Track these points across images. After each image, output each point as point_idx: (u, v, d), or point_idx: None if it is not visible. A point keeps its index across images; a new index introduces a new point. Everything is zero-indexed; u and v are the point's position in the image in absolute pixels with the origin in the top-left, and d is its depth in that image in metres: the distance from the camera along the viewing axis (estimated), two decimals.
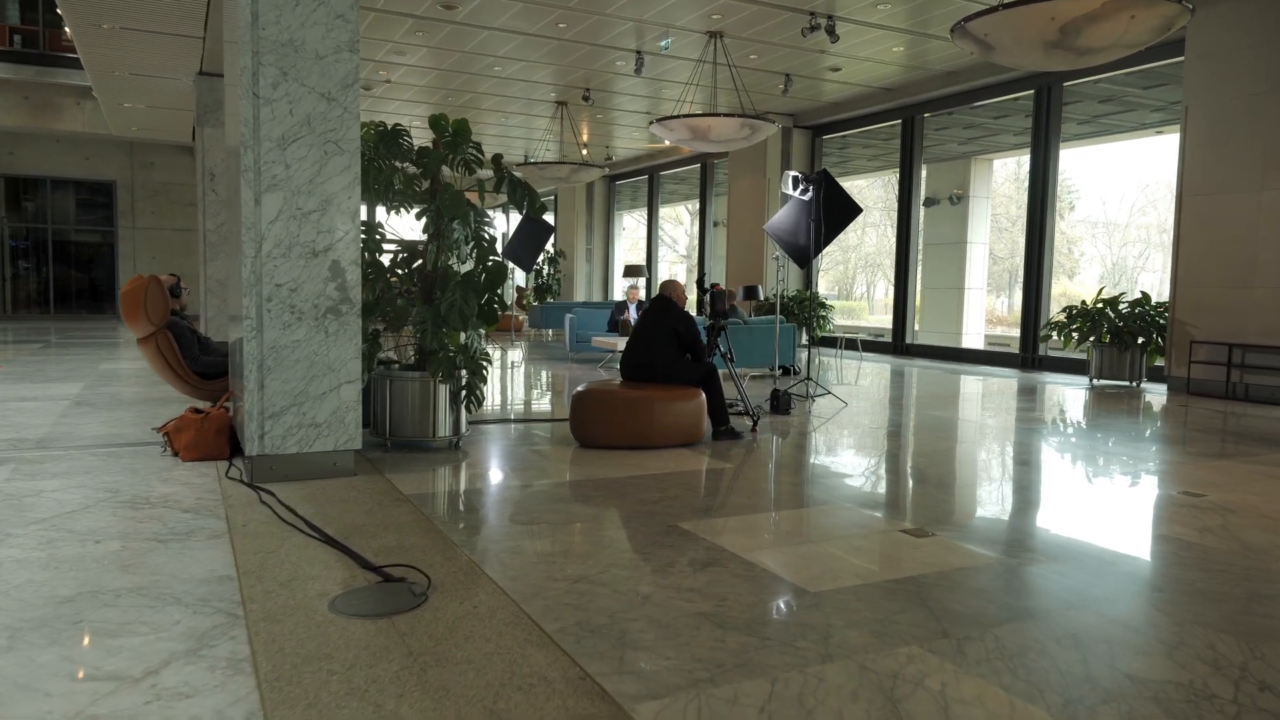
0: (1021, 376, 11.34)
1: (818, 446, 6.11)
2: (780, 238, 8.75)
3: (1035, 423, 7.44)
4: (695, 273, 22.08)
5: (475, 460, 5.35)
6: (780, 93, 13.98)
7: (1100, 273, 33.78)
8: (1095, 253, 34.46)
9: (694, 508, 4.22)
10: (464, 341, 5.57)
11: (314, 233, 4.57)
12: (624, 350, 6.26)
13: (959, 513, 4.30)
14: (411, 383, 5.47)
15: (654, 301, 6.31)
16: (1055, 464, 5.67)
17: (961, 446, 6.28)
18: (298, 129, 4.51)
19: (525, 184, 5.87)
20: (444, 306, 5.36)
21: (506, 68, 13.47)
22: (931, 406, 8.30)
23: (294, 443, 4.60)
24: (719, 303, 6.51)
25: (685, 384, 6.08)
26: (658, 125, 11.22)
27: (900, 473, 5.26)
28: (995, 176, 19.15)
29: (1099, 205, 34.30)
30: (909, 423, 7.30)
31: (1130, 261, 34.77)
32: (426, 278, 5.69)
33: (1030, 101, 13.44)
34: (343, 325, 4.66)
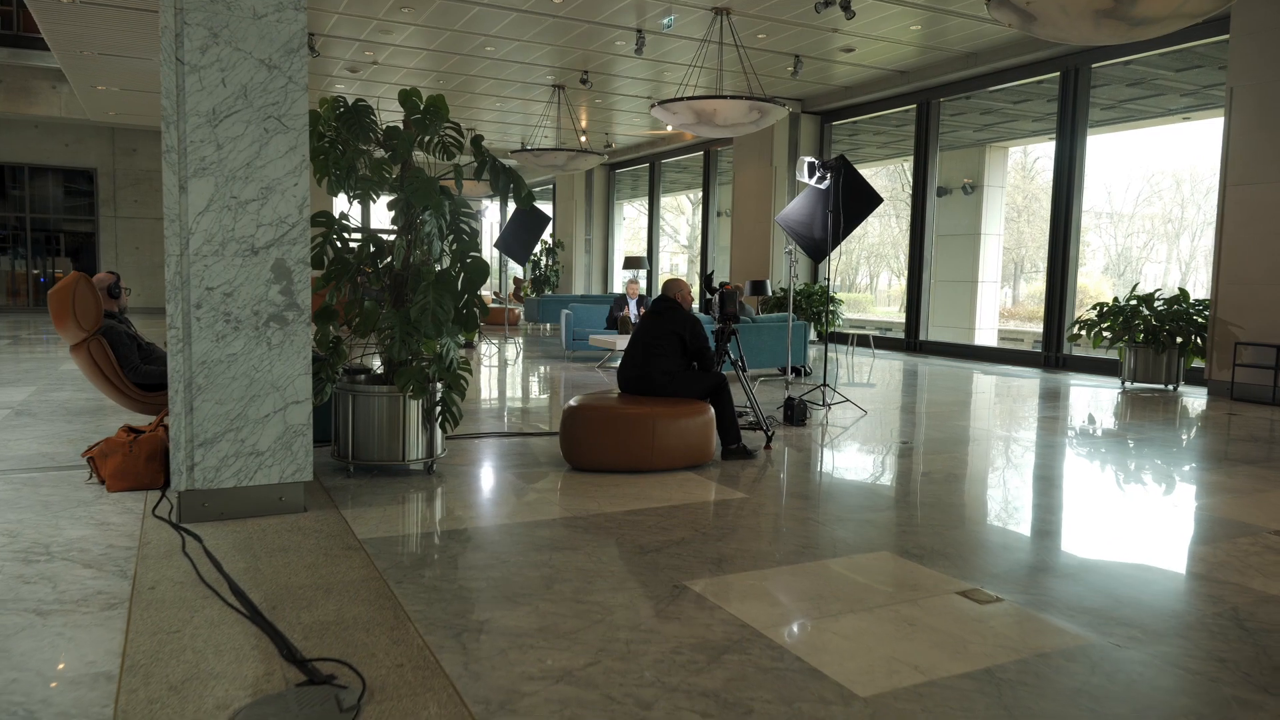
0: (1046, 378, 10.62)
1: (841, 469, 5.40)
2: (794, 230, 8.02)
3: (1082, 437, 6.72)
4: (702, 268, 21.34)
5: (449, 489, 4.64)
6: (790, 75, 13.22)
7: (1105, 263, 33.57)
8: (1100, 243, 34.40)
9: (704, 557, 3.51)
10: (439, 350, 4.85)
11: (253, 226, 3.84)
12: (621, 359, 5.54)
13: (1022, 563, 3.59)
14: (378, 398, 4.76)
15: (656, 303, 5.59)
16: (1122, 493, 4.96)
17: (1007, 470, 5.57)
18: (232, 102, 3.78)
19: (510, 170, 5.14)
20: (414, 310, 4.64)
21: (500, 47, 12.71)
22: (960, 416, 7.59)
23: (230, 475, 3.89)
24: (729, 304, 5.78)
25: (691, 397, 5.37)
26: (660, 109, 10.47)
27: (942, 506, 4.55)
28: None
29: (1104, 195, 34.16)
30: (940, 436, 6.58)
31: (1135, 252, 34.62)
32: (396, 277, 4.98)
33: (1055, 85, 12.68)
34: (289, 336, 3.94)
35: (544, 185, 26.65)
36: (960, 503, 4.57)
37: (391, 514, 4.08)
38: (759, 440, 5.87)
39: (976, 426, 7.04)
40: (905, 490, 4.81)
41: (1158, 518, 4.35)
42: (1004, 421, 7.35)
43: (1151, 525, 4.21)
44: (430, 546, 3.62)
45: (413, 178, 4.70)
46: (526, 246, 13.11)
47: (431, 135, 4.97)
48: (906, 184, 32.38)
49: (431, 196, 4.65)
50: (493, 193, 5.19)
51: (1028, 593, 3.19)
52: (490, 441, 5.94)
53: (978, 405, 8.43)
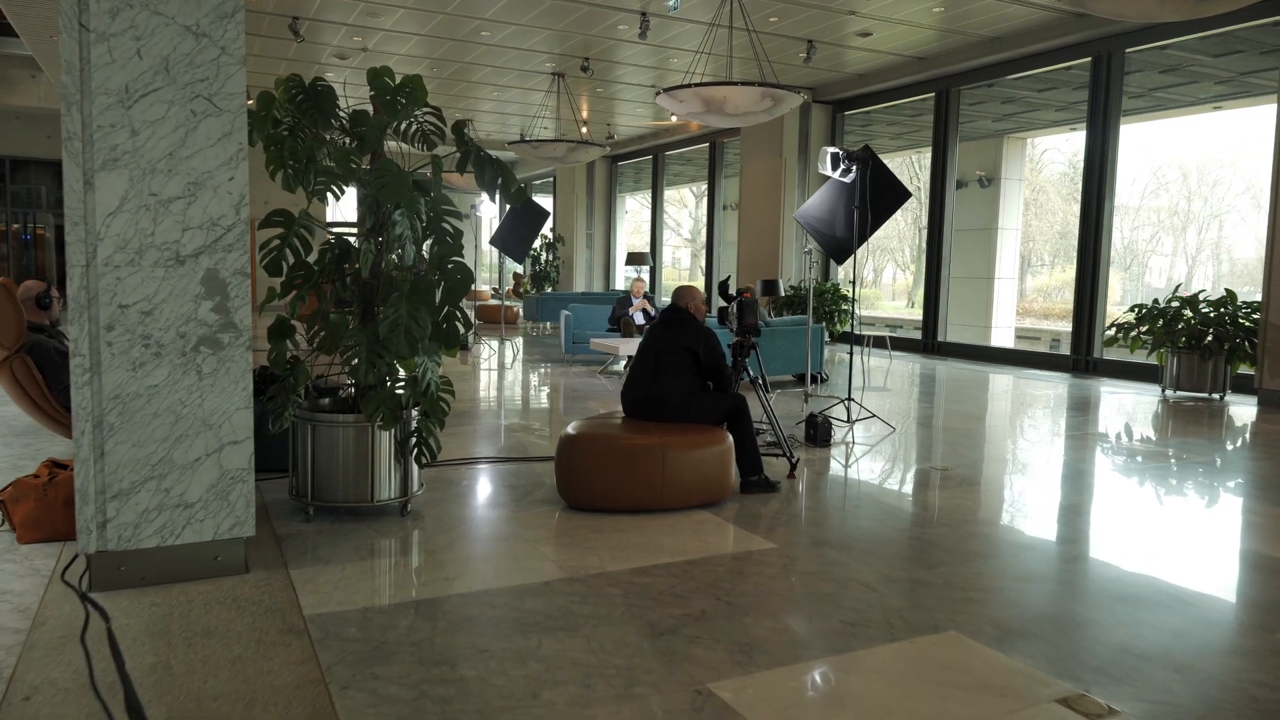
0: (1078, 384, 9.91)
1: (876, 505, 4.71)
2: (813, 227, 7.32)
3: (1152, 461, 6.03)
4: (708, 264, 20.65)
5: (425, 538, 3.95)
6: (802, 61, 12.50)
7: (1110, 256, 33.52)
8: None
9: (730, 640, 2.83)
10: (415, 371, 4.16)
11: (177, 230, 3.15)
12: (626, 378, 4.85)
13: (1127, 648, 2.90)
14: (342, 429, 4.07)
15: (665, 315, 4.89)
16: (1237, 540, 4.27)
17: (1073, 508, 4.88)
18: (150, 78, 3.09)
19: (498, 162, 4.44)
20: (384, 326, 3.95)
21: (496, 32, 11.99)
22: (999, 433, 6.90)
23: (152, 533, 3.20)
24: (749, 314, 5.08)
25: (706, 422, 4.68)
26: (665, 97, 9.75)
27: (1004, 558, 3.87)
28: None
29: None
30: (981, 461, 5.89)
31: (1141, 245, 34.49)
32: (364, 287, 4.28)
33: (1084, 72, 11.95)
34: (224, 362, 3.25)
35: (544, 178, 25.93)
36: (1026, 555, 3.88)
37: (351, 575, 3.39)
38: (781, 468, 5.18)
39: (1021, 447, 6.35)
40: (957, 537, 4.12)
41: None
42: (1051, 440, 6.65)
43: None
44: (392, 627, 2.93)
45: (380, 170, 4.00)
46: (524, 243, 12.40)
47: (405, 121, 4.27)
48: (916, 176, 31.70)
49: (403, 192, 3.95)
50: (479, 186, 4.50)
51: (1147, 698, 2.51)
52: (477, 471, 5.25)
53: (1014, 419, 7.74)
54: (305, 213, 4.22)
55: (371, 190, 3.98)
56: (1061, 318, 23.70)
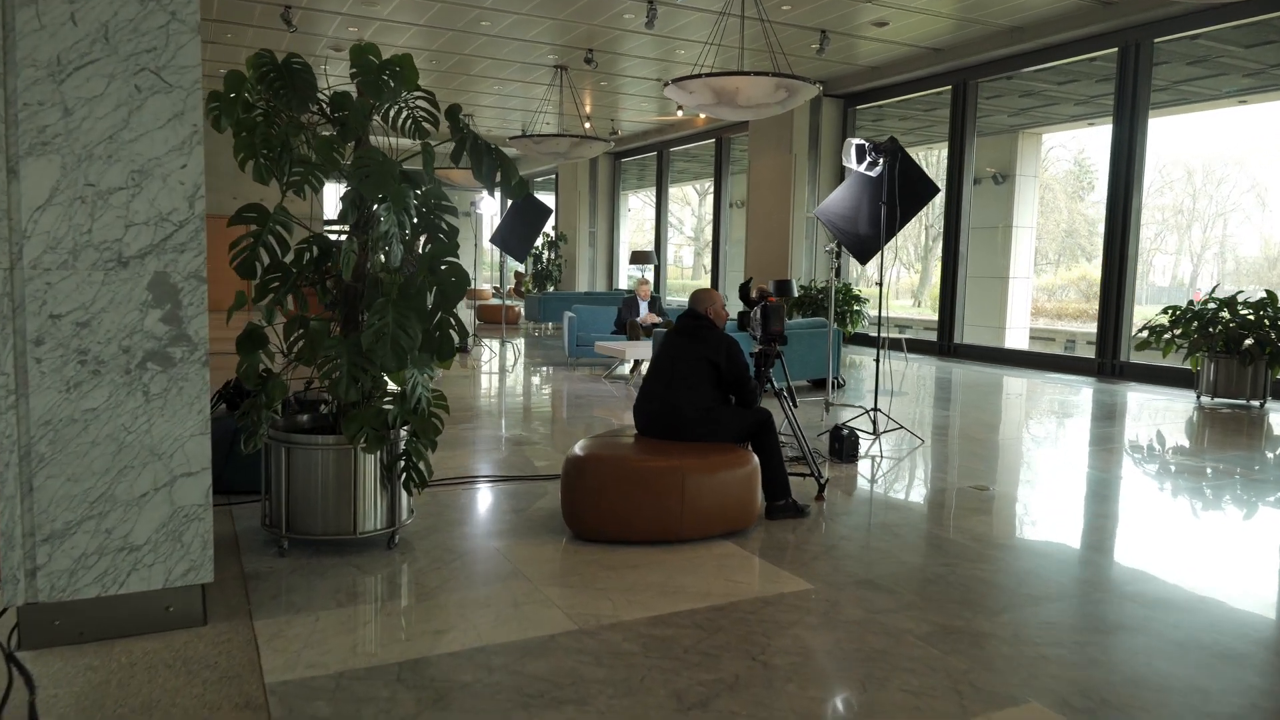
0: (1107, 389, 9.44)
1: (917, 533, 4.23)
2: (835, 225, 6.85)
3: (1207, 474, 5.56)
4: (719, 267, 20.20)
5: (413, 578, 3.48)
6: (815, 52, 12.03)
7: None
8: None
9: (775, 718, 2.36)
10: (404, 386, 3.70)
11: (120, 226, 2.69)
12: (640, 391, 4.38)
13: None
14: (321, 451, 3.61)
15: (682, 321, 4.42)
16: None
17: (1135, 531, 4.41)
18: (87, 47, 2.62)
19: (497, 151, 3.98)
20: (367, 336, 3.48)
21: (497, 22, 11.53)
22: (1036, 443, 6.43)
23: (91, 581, 2.74)
24: (774, 321, 4.60)
25: (728, 440, 4.22)
26: (674, 88, 9.27)
27: (1071, 600, 3.40)
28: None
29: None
30: (1023, 477, 5.43)
31: (1146, 243, 34.46)
32: (347, 292, 3.82)
33: (1108, 63, 11.48)
34: (176, 381, 2.79)
35: (546, 175, 25.49)
36: (1099, 598, 3.41)
37: (326, 628, 2.93)
38: (808, 489, 4.71)
39: (1063, 462, 5.88)
40: (1015, 574, 3.65)
41: None
42: (1093, 453, 6.18)
43: None
44: (370, 700, 2.47)
45: (362, 159, 3.53)
46: (526, 241, 11.93)
47: (393, 105, 3.80)
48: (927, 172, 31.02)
49: (388, 184, 3.48)
50: (476, 180, 4.04)
51: None
52: (475, 491, 4.79)
53: (1049, 429, 7.26)
54: (282, 208, 3.76)
55: (353, 182, 3.51)
56: (1075, 317, 23.22)
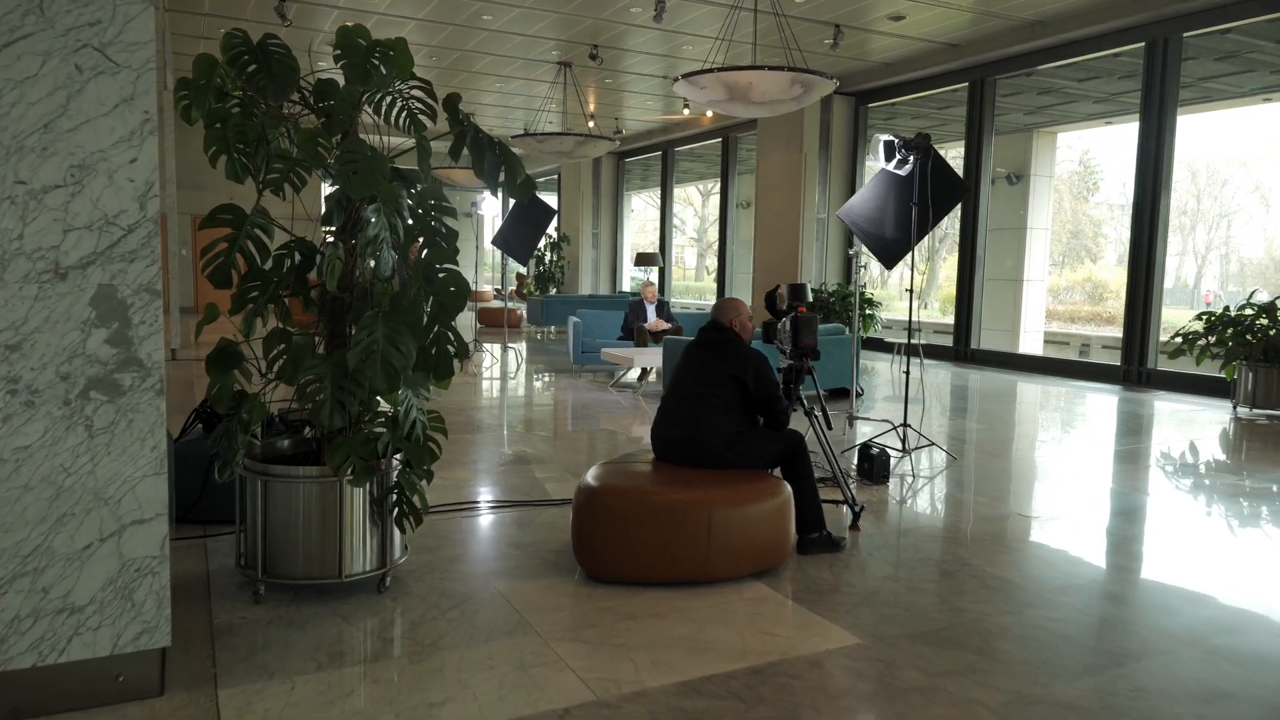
0: (1135, 399, 9.01)
1: (969, 569, 3.82)
2: (860, 227, 6.44)
3: (1267, 495, 5.15)
4: (726, 268, 19.78)
5: (405, 631, 3.07)
6: (828, 48, 11.61)
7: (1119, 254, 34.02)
8: (1114, 234, 34.68)
9: None
10: (396, 408, 3.28)
11: (56, 232, 2.27)
12: (658, 412, 3.96)
13: None
14: (303, 485, 3.19)
15: (705, 334, 4.00)
16: None
17: (1212, 569, 3.99)
18: (19, 20, 2.21)
19: (500, 146, 3.57)
20: (354, 354, 3.07)
21: (499, 16, 11.12)
22: (1080, 462, 6.01)
23: (26, 648, 2.33)
24: (806, 334, 4.18)
25: (757, 466, 3.81)
26: (685, 83, 8.86)
27: (1177, 665, 2.98)
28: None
29: (1119, 187, 34.39)
30: (1072, 498, 5.01)
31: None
32: (332, 304, 3.41)
33: (1133, 59, 11.07)
34: (125, 412, 2.38)
35: (548, 175, 25.08)
36: (1189, 655, 2.99)
37: (302, 698, 2.51)
38: (841, 517, 4.30)
39: (1110, 482, 5.46)
40: (1087, 625, 3.24)
41: None
42: (1141, 471, 5.76)
43: None
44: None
45: (348, 153, 3.11)
46: (529, 243, 11.51)
47: (385, 94, 3.39)
48: None
49: (377, 182, 3.07)
50: (478, 179, 3.63)
51: None
52: (475, 520, 4.37)
53: (1086, 441, 6.84)
54: (262, 208, 3.35)
55: (338, 180, 3.09)
56: (1088, 320, 22.80)
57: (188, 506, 4.08)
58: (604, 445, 6.31)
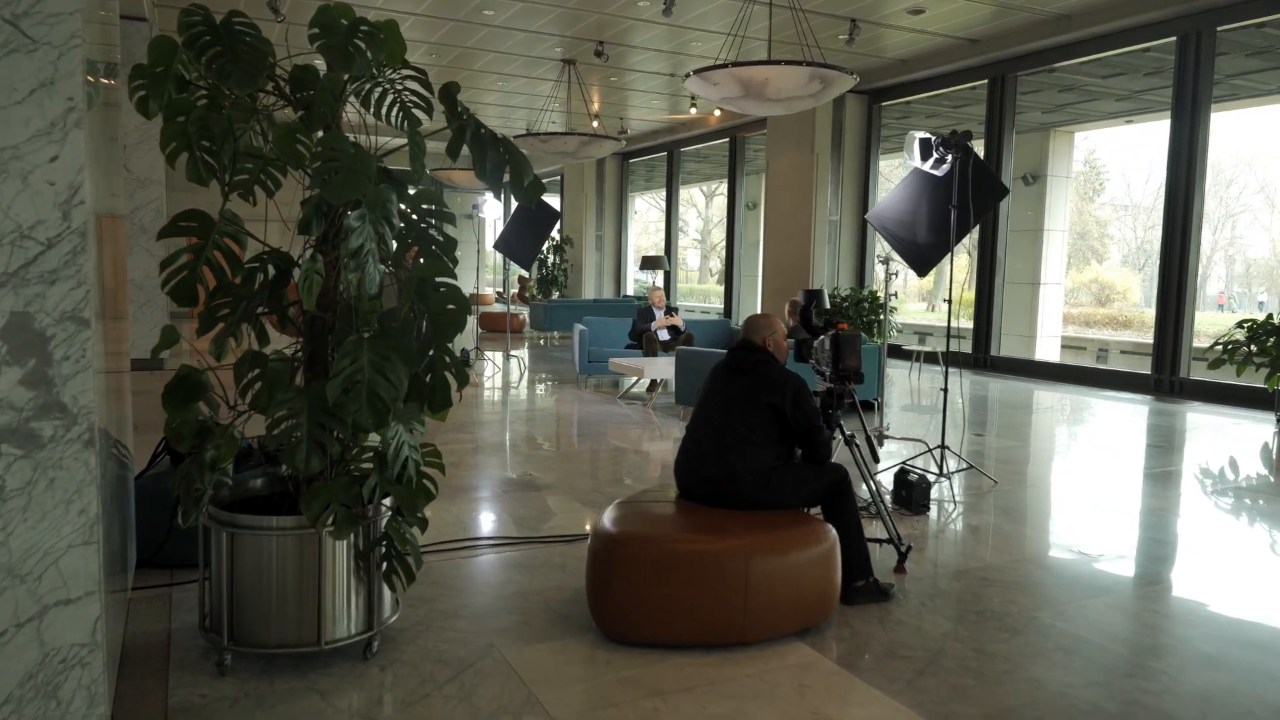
0: (1171, 409, 8.55)
1: (1035, 623, 3.36)
2: (890, 231, 5.99)
3: None
4: (734, 272, 19.34)
5: (395, 709, 2.62)
6: (843, 44, 11.16)
7: (1124, 254, 33.86)
8: (1120, 235, 34.59)
9: None
10: (385, 444, 2.83)
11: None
12: (683, 443, 3.51)
13: None
14: (277, 538, 2.75)
15: (735, 355, 3.54)
16: None
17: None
18: None
19: (505, 142, 3.12)
20: (335, 386, 2.63)
21: (500, 11, 10.68)
22: (1133, 486, 5.56)
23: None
24: (849, 354, 3.72)
25: (796, 505, 3.36)
26: (697, 80, 8.42)
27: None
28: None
29: (1124, 187, 34.28)
30: (1133, 531, 4.56)
31: (1154, 245, 34.50)
32: (312, 324, 2.96)
33: (1163, 55, 10.63)
34: (44, 470, 1.93)
35: (550, 176, 24.64)
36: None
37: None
38: (884, 557, 3.85)
39: (1173, 511, 5.01)
40: (1193, 695, 2.79)
41: None
42: (1203, 497, 5.31)
43: None
44: None
45: (328, 151, 2.67)
46: (532, 247, 11.10)
47: (373, 84, 2.95)
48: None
49: (361, 185, 2.62)
50: (479, 180, 3.19)
51: None
52: (476, 561, 3.93)
53: (1132, 461, 6.39)
54: (232, 214, 2.91)
55: (316, 183, 2.65)
56: (1104, 324, 22.33)
57: (153, 549, 3.63)
58: (615, 466, 5.87)
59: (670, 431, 7.17)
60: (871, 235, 14.42)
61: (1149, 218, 34.50)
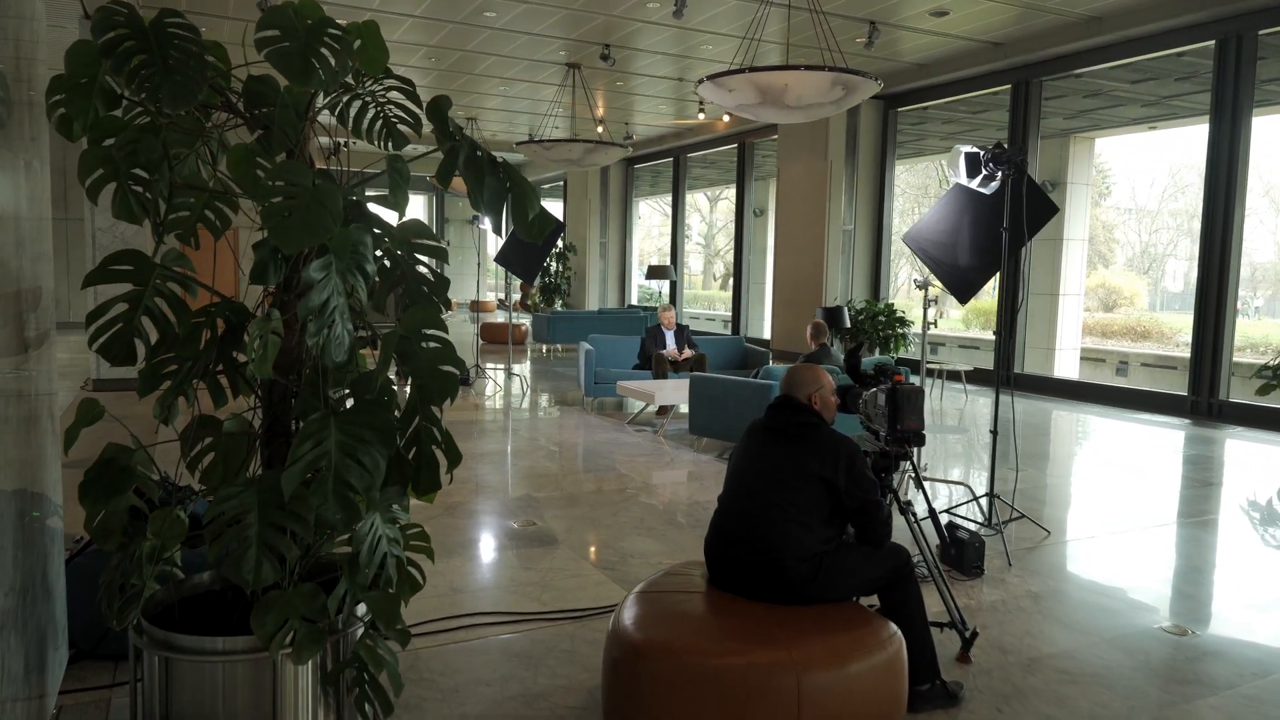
0: (1213, 434, 8.02)
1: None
2: (928, 254, 5.46)
3: None
4: (742, 281, 18.87)
5: None
6: (861, 47, 10.65)
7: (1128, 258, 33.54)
8: (1125, 239, 34.50)
9: None
10: (359, 539, 2.31)
11: None
12: (715, 522, 2.98)
13: None
14: (223, 665, 2.22)
15: (776, 415, 3.00)
16: None
17: None
18: None
19: (506, 167, 2.59)
20: (292, 475, 2.10)
21: (503, 13, 10.17)
22: (1215, 538, 5.03)
23: None
24: (908, 414, 3.17)
25: (849, 596, 2.83)
26: (710, 86, 7.91)
27: None
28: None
29: (1129, 192, 34.15)
30: (1235, 605, 4.03)
31: (1159, 248, 34.27)
32: (270, 392, 2.44)
33: (1198, 59, 10.12)
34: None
35: (553, 182, 24.16)
36: None
37: None
38: (945, 643, 3.32)
39: (1252, 559, 4.48)
40: None
41: None
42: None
43: None
44: None
45: (285, 182, 2.14)
46: (535, 261, 10.59)
47: (352, 95, 2.43)
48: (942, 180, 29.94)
49: (323, 225, 2.10)
50: (473, 208, 2.66)
51: None
52: (471, 647, 3.40)
53: (1199, 502, 5.86)
54: (179, 253, 2.39)
55: (268, 224, 2.12)
56: (1121, 334, 21.79)
57: (93, 640, 3.11)
58: (628, 512, 5.34)
59: (683, 461, 6.64)
60: (887, 245, 13.90)
61: (1154, 221, 34.25)
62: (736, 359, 9.60)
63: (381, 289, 2.55)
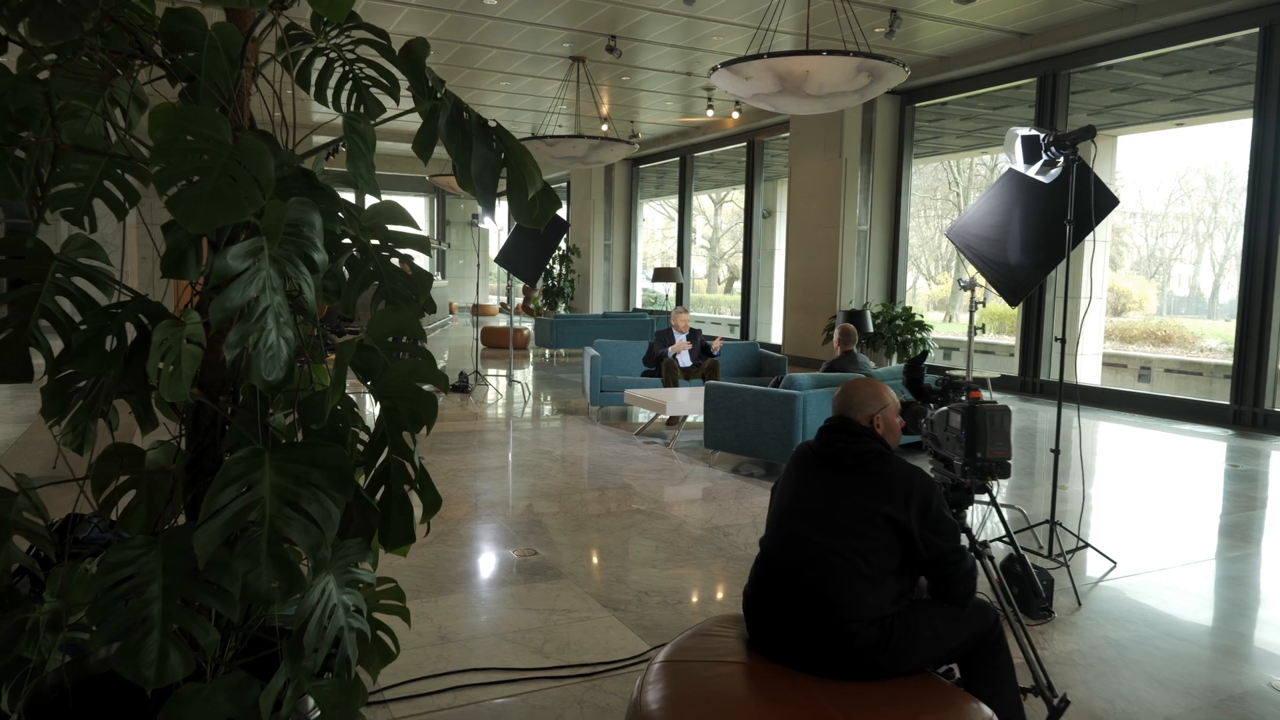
0: (1258, 447, 7.46)
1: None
2: (976, 251, 4.91)
3: None
4: (751, 283, 18.36)
5: None
6: (881, 36, 10.11)
7: (1135, 259, 33.50)
8: (1131, 242, 34.31)
9: None
10: (311, 612, 1.76)
11: None
12: (758, 566, 2.43)
13: None
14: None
15: (830, 438, 2.45)
16: None
17: None
18: None
19: (501, 134, 2.05)
20: (208, 536, 1.56)
21: (504, 3, 9.65)
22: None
23: None
24: (990, 439, 2.62)
25: (925, 666, 2.28)
26: (726, 73, 7.38)
27: None
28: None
29: (1135, 195, 33.96)
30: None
31: (1166, 252, 33.80)
32: (196, 416, 1.89)
33: (1238, 49, 9.56)
34: None
35: (556, 182, 23.64)
36: None
37: None
38: (1031, 711, 2.76)
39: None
40: None
41: None
42: None
43: None
44: None
45: (194, 135, 1.59)
46: (538, 262, 10.04)
47: (311, 47, 1.90)
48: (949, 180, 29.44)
49: (245, 200, 1.55)
50: (460, 185, 2.10)
51: None
52: (460, 714, 2.84)
53: (1264, 520, 5.30)
54: (87, 240, 1.86)
55: (163, 194, 1.57)
56: (1143, 339, 21.20)
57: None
58: (640, 540, 4.79)
59: (698, 478, 6.09)
60: (905, 246, 13.35)
61: (1160, 225, 33.87)
62: (751, 365, 9.05)
63: (350, 287, 2.03)
